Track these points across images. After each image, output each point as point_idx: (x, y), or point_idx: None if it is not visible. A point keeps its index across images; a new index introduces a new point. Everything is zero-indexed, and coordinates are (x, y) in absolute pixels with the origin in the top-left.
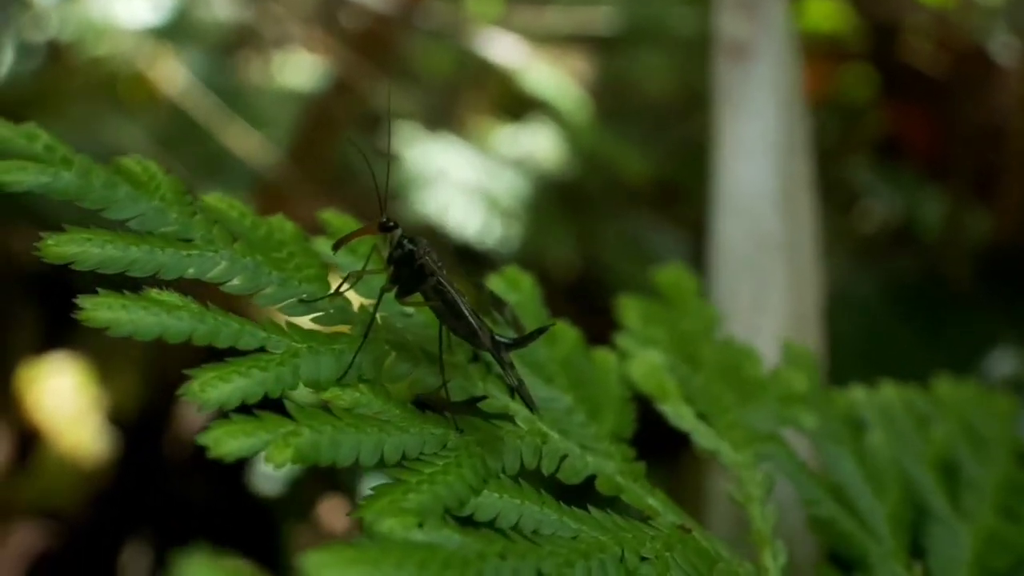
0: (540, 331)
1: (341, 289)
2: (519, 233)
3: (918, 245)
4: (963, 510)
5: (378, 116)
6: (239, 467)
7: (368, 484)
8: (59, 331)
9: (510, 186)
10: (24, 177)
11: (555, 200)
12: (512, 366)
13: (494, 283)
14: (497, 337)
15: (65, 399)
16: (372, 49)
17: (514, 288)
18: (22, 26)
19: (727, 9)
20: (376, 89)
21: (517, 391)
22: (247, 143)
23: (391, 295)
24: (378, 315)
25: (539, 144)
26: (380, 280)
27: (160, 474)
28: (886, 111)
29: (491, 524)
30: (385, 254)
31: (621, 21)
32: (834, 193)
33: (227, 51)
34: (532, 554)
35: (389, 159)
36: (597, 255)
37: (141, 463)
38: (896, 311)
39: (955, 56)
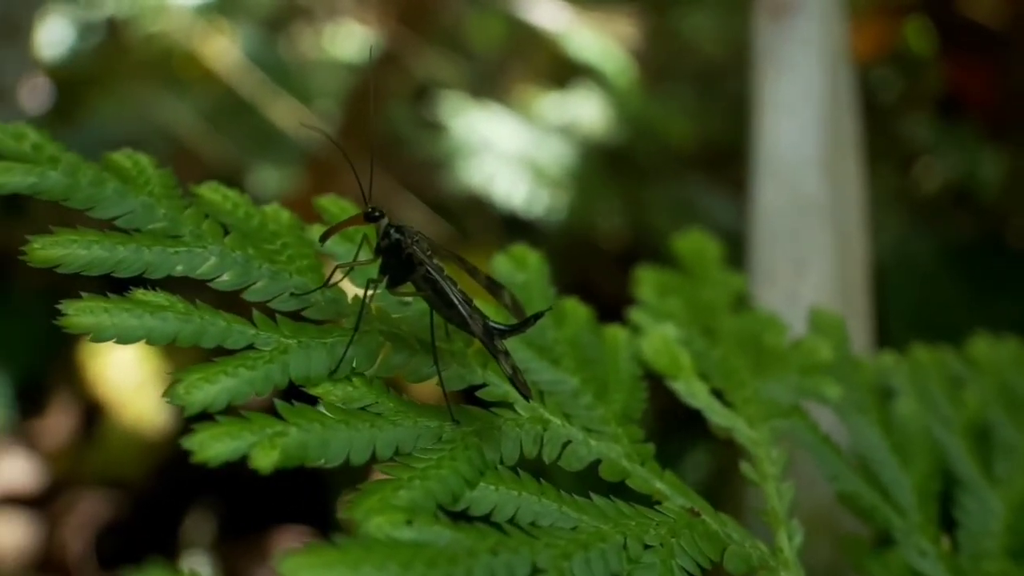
0: (536, 317)
1: (332, 281)
2: (566, 202)
3: (978, 204)
4: (995, 476)
5: (425, 86)
6: None
7: None
8: None
9: (556, 154)
10: (11, 178)
11: (603, 167)
12: (506, 354)
13: (501, 262)
14: (491, 324)
15: (127, 371)
16: (416, 18)
17: (521, 267)
18: (82, 3)
19: None
20: (422, 59)
21: (511, 380)
22: (296, 118)
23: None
24: (373, 306)
25: (585, 110)
26: (375, 271)
27: None
28: (946, 66)
29: (487, 518)
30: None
31: None
32: (894, 151)
33: (279, 25)
34: (526, 548)
35: (372, 149)
36: (648, 221)
37: None
38: (954, 273)
39: (1017, 7)
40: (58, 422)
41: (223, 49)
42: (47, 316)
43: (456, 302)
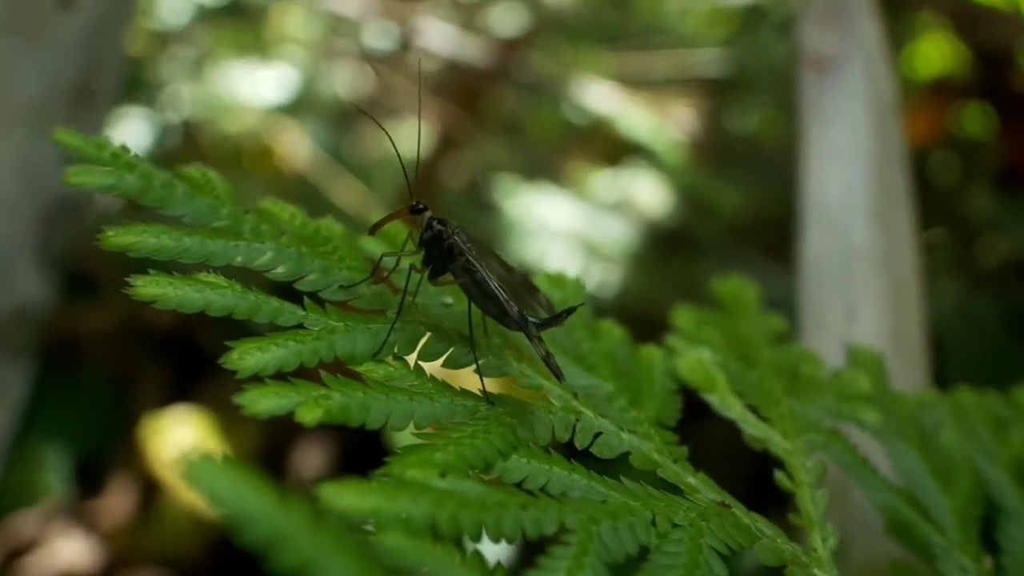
0: (569, 311)
1: (378, 273)
2: (618, 278)
3: None
4: None
5: (481, 171)
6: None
7: None
8: (184, 387)
9: (609, 231)
10: (91, 179)
11: (656, 243)
12: (541, 340)
13: (540, 281)
14: (527, 315)
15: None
16: (469, 102)
17: (559, 286)
18: (160, 107)
19: (810, 22)
20: (477, 145)
21: (545, 361)
22: (359, 205)
23: (428, 284)
24: (417, 302)
25: (637, 188)
26: (419, 264)
27: None
28: (1003, 142)
29: (518, 486)
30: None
31: (725, 62)
32: (955, 228)
33: (346, 122)
34: (555, 508)
35: (419, 140)
36: (701, 297)
37: None
38: (1016, 339)
39: None
40: (117, 502)
41: (292, 147)
42: (111, 397)
43: (494, 291)
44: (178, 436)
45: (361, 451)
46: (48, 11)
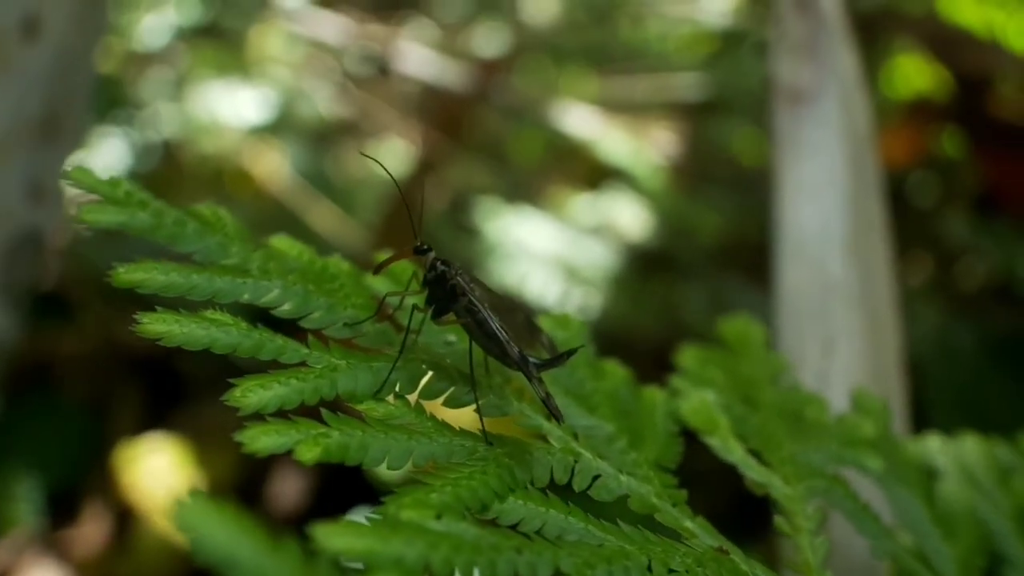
0: (569, 352)
1: (382, 312)
2: (599, 302)
3: (1019, 299)
4: None
5: (462, 193)
6: None
7: None
8: (161, 412)
9: (589, 255)
10: (104, 216)
11: (636, 266)
12: (541, 381)
13: (543, 322)
14: (528, 355)
15: (161, 479)
16: (450, 126)
17: (562, 327)
18: (139, 126)
19: (785, 53)
20: (459, 168)
21: (544, 402)
22: (338, 227)
23: (431, 322)
24: (420, 340)
25: (617, 212)
26: (423, 303)
27: None
28: (981, 166)
29: (514, 528)
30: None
31: (706, 86)
32: (934, 251)
33: (326, 143)
34: (550, 552)
35: (424, 184)
36: (682, 320)
37: None
38: (997, 364)
39: None
40: (90, 531)
41: (272, 167)
42: (86, 422)
43: (495, 331)
44: (153, 464)
45: (341, 478)
46: (12, 43)
